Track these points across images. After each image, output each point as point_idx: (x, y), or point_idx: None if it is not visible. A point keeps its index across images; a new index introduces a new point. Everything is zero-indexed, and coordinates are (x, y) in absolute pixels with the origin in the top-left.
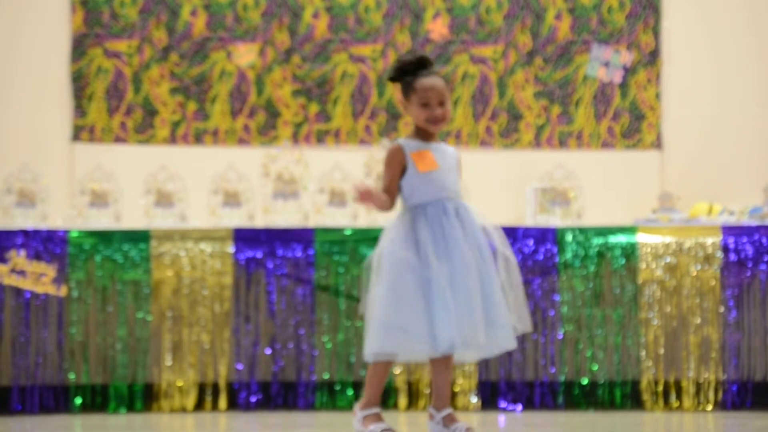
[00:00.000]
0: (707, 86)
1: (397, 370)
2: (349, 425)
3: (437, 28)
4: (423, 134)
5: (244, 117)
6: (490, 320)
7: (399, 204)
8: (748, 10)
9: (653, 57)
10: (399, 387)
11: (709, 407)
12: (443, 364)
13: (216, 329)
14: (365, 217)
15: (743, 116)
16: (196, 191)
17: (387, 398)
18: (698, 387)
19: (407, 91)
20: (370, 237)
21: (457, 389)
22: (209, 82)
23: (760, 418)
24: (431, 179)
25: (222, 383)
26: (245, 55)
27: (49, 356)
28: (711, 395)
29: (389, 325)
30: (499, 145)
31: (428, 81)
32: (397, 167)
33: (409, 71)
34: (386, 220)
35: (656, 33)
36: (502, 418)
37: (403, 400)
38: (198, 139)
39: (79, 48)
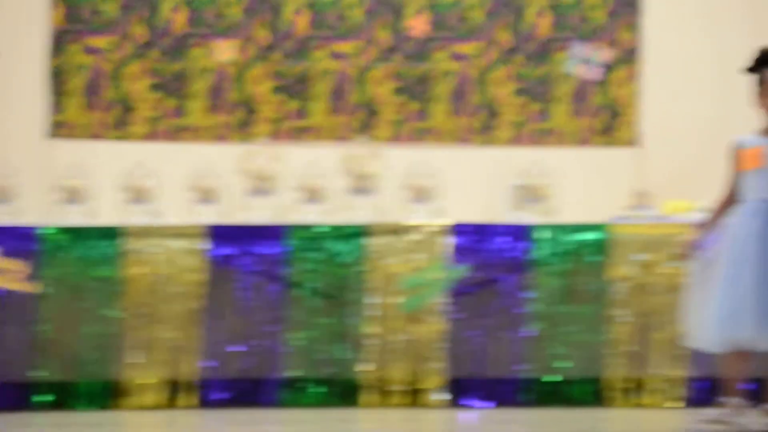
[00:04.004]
0: (686, 84)
1: (366, 367)
2: (316, 422)
3: (418, 25)
4: None
5: (223, 113)
6: None
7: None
8: (729, 8)
9: (633, 55)
10: (364, 384)
11: (674, 404)
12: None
13: (186, 326)
14: (341, 215)
15: (722, 115)
16: (173, 188)
17: (351, 395)
18: (665, 384)
19: (761, 82)
20: (345, 234)
21: (425, 386)
22: (189, 79)
23: None
24: (753, 177)
25: (190, 380)
26: (225, 51)
27: (18, 353)
28: (677, 392)
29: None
30: (477, 142)
31: None
32: (732, 164)
33: (766, 61)
34: (353, 218)
35: (636, 30)
36: (471, 415)
37: (372, 398)
38: (176, 135)
39: (58, 44)
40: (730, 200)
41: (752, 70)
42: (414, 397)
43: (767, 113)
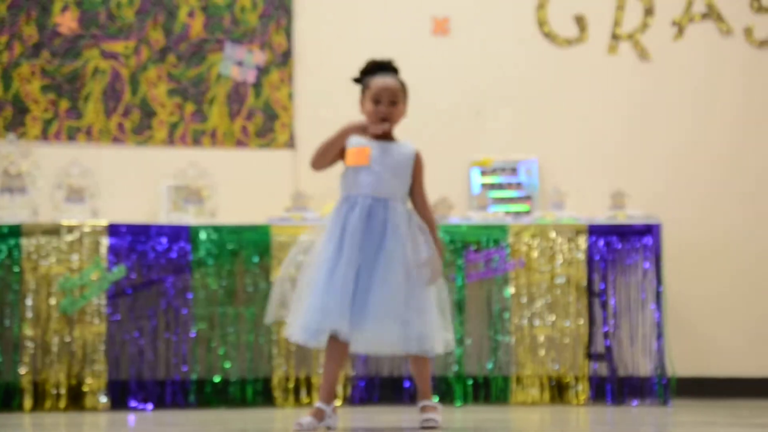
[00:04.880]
0: (338, 86)
1: (23, 370)
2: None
3: (66, 22)
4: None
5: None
6: (373, 316)
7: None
8: (377, 12)
9: (286, 58)
10: (24, 387)
11: (338, 402)
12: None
13: None
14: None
15: None
16: None
17: (11, 399)
18: None
19: (364, 89)
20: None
21: (86, 389)
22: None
23: (386, 413)
24: (354, 174)
25: None
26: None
27: None
28: (340, 390)
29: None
30: (131, 141)
31: (382, 79)
32: (341, 142)
33: (369, 72)
34: (6, 217)
35: (289, 34)
36: (132, 418)
37: (28, 401)
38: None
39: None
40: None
41: (357, 81)
42: (75, 400)
43: (369, 118)
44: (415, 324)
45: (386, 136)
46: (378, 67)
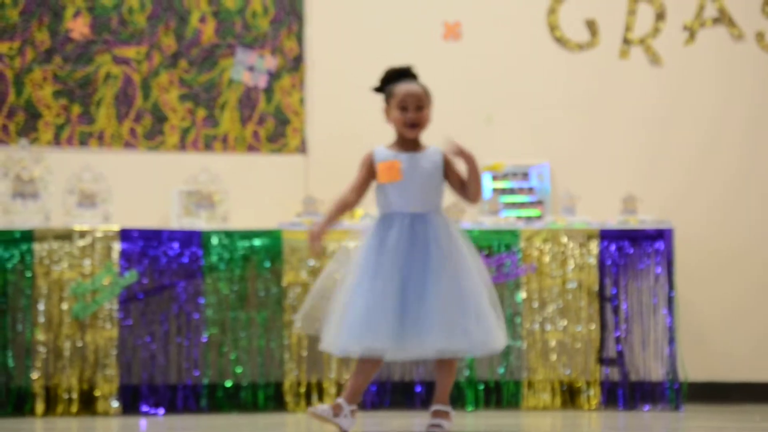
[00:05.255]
0: (349, 91)
1: (35, 375)
2: None
3: (78, 27)
4: (403, 142)
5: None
6: (428, 327)
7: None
8: (388, 17)
9: (297, 63)
10: (36, 392)
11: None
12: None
13: None
14: (4, 219)
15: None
16: None
17: (23, 404)
18: (339, 388)
19: (387, 97)
20: (10, 239)
21: (98, 394)
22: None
23: (397, 417)
24: (388, 191)
25: None
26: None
27: None
28: None
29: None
30: (143, 146)
31: (405, 86)
32: (363, 172)
33: (390, 80)
34: (18, 222)
35: (300, 39)
36: (143, 422)
37: (40, 406)
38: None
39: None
40: (348, 205)
41: (379, 90)
42: (87, 405)
43: (397, 125)
44: (476, 331)
45: (414, 145)
46: (398, 75)
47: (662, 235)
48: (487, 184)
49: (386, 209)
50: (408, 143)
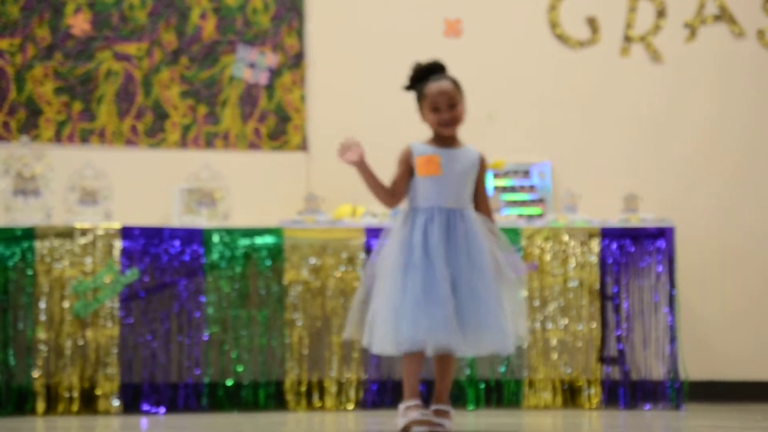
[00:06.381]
0: (351, 88)
1: (36, 374)
2: None
3: (78, 24)
4: (440, 139)
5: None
6: (474, 323)
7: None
8: (389, 14)
9: (298, 59)
10: (37, 391)
11: (351, 406)
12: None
13: None
14: (5, 216)
15: (387, 119)
16: None
17: (24, 403)
18: (340, 387)
19: (419, 97)
20: (11, 236)
21: (99, 392)
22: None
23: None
24: (430, 185)
25: None
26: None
27: None
28: (352, 394)
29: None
30: (144, 144)
31: (436, 85)
32: (403, 167)
33: (420, 78)
34: (18, 220)
35: (301, 35)
36: (144, 421)
37: (41, 405)
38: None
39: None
40: (394, 193)
41: (409, 88)
42: (88, 403)
43: (432, 126)
44: (508, 328)
45: (452, 141)
46: (427, 71)
47: (663, 233)
48: (489, 182)
49: (419, 203)
50: (445, 139)
